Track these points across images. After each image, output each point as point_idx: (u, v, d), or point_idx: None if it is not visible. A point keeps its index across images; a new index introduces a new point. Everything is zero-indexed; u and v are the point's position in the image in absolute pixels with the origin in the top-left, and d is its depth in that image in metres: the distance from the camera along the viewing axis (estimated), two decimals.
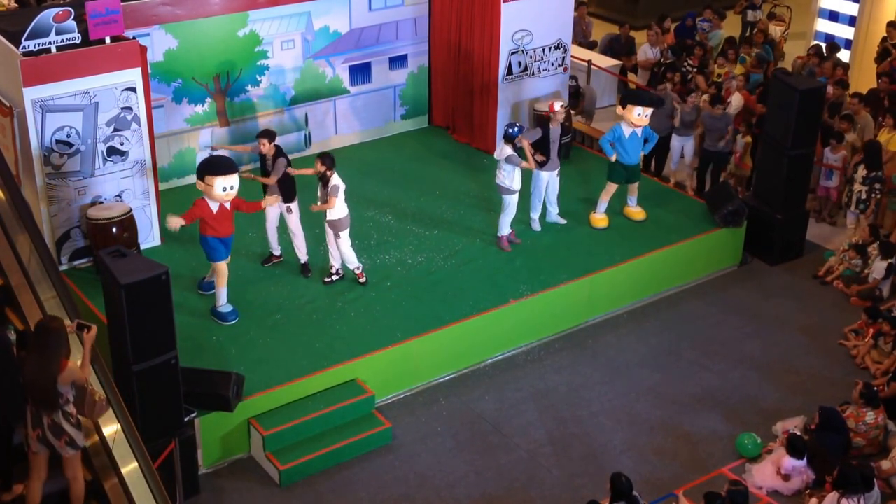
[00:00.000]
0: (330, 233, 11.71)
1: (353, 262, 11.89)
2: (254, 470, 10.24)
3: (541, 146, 12.67)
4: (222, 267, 11.09)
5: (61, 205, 11.79)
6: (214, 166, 10.82)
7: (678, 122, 14.52)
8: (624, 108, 12.93)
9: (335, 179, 11.39)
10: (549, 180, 12.88)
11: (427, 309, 11.61)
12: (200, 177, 10.79)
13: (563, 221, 13.20)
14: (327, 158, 11.42)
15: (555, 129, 12.71)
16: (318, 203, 11.53)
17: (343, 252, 11.78)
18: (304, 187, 12.07)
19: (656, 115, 13.43)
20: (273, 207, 11.87)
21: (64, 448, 7.96)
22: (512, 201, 12.46)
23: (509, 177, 12.30)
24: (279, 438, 10.18)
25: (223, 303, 11.26)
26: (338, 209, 11.47)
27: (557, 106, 12.75)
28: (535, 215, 13.08)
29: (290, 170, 11.67)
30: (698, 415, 11.05)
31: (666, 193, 14.30)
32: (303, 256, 12.17)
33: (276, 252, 12.33)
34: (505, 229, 12.69)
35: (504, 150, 12.25)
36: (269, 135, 11.62)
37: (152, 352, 9.14)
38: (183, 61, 13.47)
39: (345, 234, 11.65)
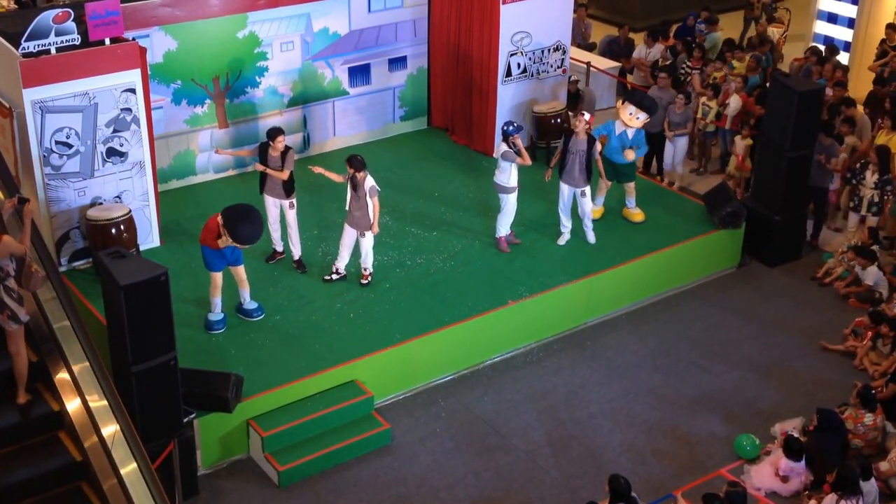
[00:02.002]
0: (349, 232, 11.69)
1: (369, 263, 11.90)
2: (253, 471, 10.25)
3: (562, 157, 12.48)
4: (216, 278, 11.05)
5: (61, 206, 11.80)
6: (244, 236, 10.52)
7: (667, 122, 14.57)
8: (622, 104, 13.02)
9: (370, 181, 11.38)
10: (572, 196, 12.58)
11: (426, 310, 11.62)
12: (225, 225, 10.46)
13: (592, 240, 12.83)
14: (356, 161, 11.36)
15: (576, 142, 12.33)
16: (348, 203, 11.51)
17: (367, 249, 11.77)
18: (303, 187, 12.09)
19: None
20: (273, 205, 11.89)
21: (6, 322, 8.24)
22: (509, 200, 12.43)
23: (505, 174, 12.28)
24: (278, 439, 10.19)
25: (216, 311, 11.24)
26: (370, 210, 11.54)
27: (587, 116, 12.37)
28: (563, 229, 12.81)
29: (314, 168, 11.66)
30: (697, 416, 11.06)
31: (665, 195, 14.31)
32: (297, 252, 12.19)
33: (279, 248, 12.35)
34: (503, 230, 12.69)
35: (500, 148, 12.26)
36: (280, 133, 11.63)
37: (151, 353, 9.14)
38: (182, 63, 13.48)
39: (370, 234, 11.68)
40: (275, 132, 11.62)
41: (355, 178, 11.35)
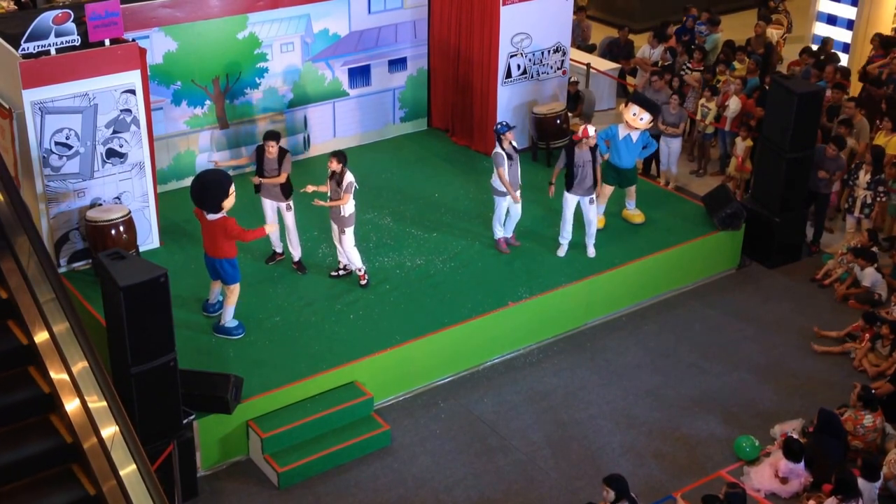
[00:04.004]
0: (335, 228, 11.72)
1: (357, 263, 11.89)
2: (252, 472, 10.25)
3: (568, 170, 12.27)
4: (238, 287, 11.06)
5: (60, 207, 11.80)
6: (225, 181, 10.66)
7: (660, 122, 14.53)
8: (626, 105, 12.98)
9: (349, 176, 11.42)
10: (579, 205, 12.40)
11: (426, 311, 11.63)
12: (224, 196, 10.56)
13: (592, 255, 12.67)
14: (341, 156, 11.43)
15: (582, 153, 12.15)
16: (330, 199, 11.56)
17: (347, 250, 11.78)
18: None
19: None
20: (270, 207, 11.89)
21: None
22: (501, 202, 12.41)
23: (496, 177, 12.27)
24: (278, 441, 10.19)
25: (230, 317, 11.19)
26: (347, 206, 11.50)
27: (591, 131, 12.09)
28: (562, 241, 12.63)
29: (310, 187, 11.67)
30: (696, 417, 11.06)
31: (665, 196, 14.31)
32: (297, 254, 12.19)
33: (279, 250, 12.36)
34: (499, 232, 12.67)
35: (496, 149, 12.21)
36: (276, 136, 11.65)
37: (151, 354, 9.14)
38: (182, 64, 13.48)
39: (350, 231, 11.66)
40: (269, 135, 11.63)
41: (335, 174, 11.40)
